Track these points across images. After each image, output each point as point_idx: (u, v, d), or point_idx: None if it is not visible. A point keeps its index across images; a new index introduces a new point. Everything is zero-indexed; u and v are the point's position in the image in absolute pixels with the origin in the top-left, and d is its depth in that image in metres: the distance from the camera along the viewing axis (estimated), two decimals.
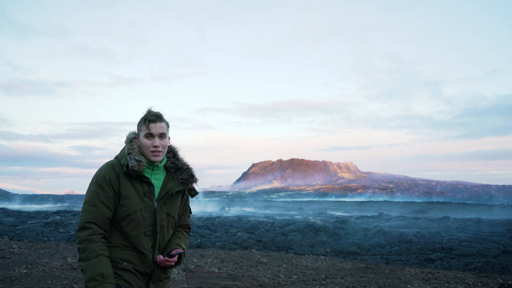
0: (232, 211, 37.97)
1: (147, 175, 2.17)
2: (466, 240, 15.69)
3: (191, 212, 2.39)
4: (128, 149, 2.16)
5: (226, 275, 8.19)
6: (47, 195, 78.25)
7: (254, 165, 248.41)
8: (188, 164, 2.30)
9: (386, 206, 46.67)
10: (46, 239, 15.91)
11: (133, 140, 2.22)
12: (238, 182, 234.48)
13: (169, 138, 2.28)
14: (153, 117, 2.16)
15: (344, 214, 33.35)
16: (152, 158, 2.15)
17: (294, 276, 9.07)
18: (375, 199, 75.46)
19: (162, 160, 2.25)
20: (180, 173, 2.25)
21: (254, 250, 14.98)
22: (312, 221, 22.48)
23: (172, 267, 2.16)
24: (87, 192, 2.10)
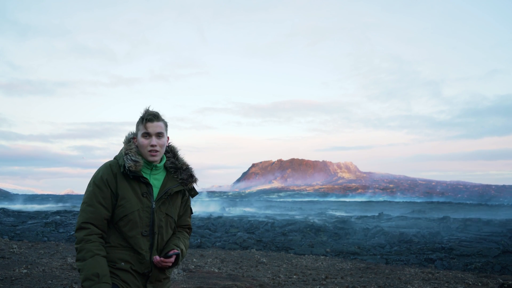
0: (232, 211, 37.98)
1: (146, 175, 2.16)
2: (466, 240, 15.69)
3: (192, 212, 2.38)
4: (126, 149, 2.16)
5: (226, 275, 8.19)
6: (47, 195, 78.23)
7: (254, 165, 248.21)
8: (188, 164, 2.29)
9: (386, 206, 46.68)
10: (46, 239, 15.92)
11: (131, 140, 2.22)
12: (238, 182, 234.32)
13: (168, 138, 2.27)
14: (150, 116, 2.15)
15: (344, 214, 33.36)
16: (149, 158, 2.15)
17: (294, 276, 9.07)
18: (375, 199, 75.47)
19: (162, 160, 2.24)
20: (179, 173, 2.24)
21: (254, 250, 14.99)
22: (312, 221, 22.49)
23: (169, 268, 2.15)
24: (85, 193, 2.12)
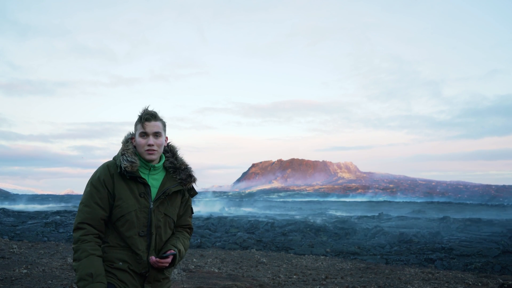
0: (232, 211, 37.99)
1: (144, 175, 2.17)
2: (466, 240, 15.69)
3: (193, 212, 2.37)
4: (123, 150, 2.16)
5: (226, 275, 8.19)
6: (47, 195, 78.23)
7: (254, 165, 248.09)
8: (187, 163, 2.29)
9: (386, 206, 46.68)
10: (46, 239, 15.92)
11: (129, 140, 2.22)
12: (238, 182, 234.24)
13: (166, 138, 2.28)
14: (147, 115, 2.16)
15: (344, 214, 33.37)
16: (146, 157, 2.15)
17: (294, 276, 9.07)
18: (375, 199, 75.46)
19: (160, 160, 2.25)
20: (178, 173, 2.24)
21: (254, 250, 14.98)
22: (312, 221, 22.49)
23: (167, 268, 2.14)
24: (83, 193, 2.14)
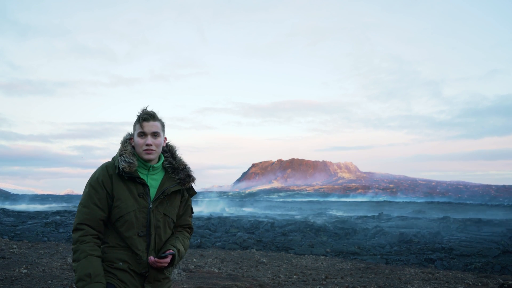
0: (232, 211, 38.00)
1: (143, 176, 2.17)
2: (466, 240, 15.69)
3: (192, 212, 2.38)
4: (121, 150, 2.17)
5: (226, 275, 8.19)
6: (47, 195, 78.24)
7: (254, 165, 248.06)
8: (185, 163, 2.29)
9: (386, 206, 46.68)
10: (46, 239, 15.91)
11: (127, 141, 2.23)
12: (238, 182, 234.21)
13: (165, 138, 2.28)
14: (146, 115, 2.17)
15: (344, 214, 33.38)
16: (144, 157, 2.16)
17: (294, 276, 9.07)
18: (375, 199, 75.47)
19: (159, 160, 2.25)
20: (177, 173, 2.25)
21: (254, 250, 14.98)
22: (312, 221, 22.49)
23: (166, 268, 2.14)
24: (82, 194, 2.15)
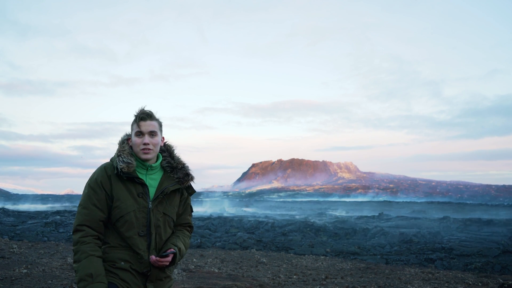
0: (232, 211, 38.00)
1: (141, 176, 2.18)
2: (466, 240, 15.69)
3: (192, 211, 2.38)
4: (119, 151, 2.18)
5: (226, 275, 8.19)
6: (47, 195, 78.24)
7: (254, 165, 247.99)
8: (184, 162, 2.30)
9: (386, 206, 46.69)
10: (46, 239, 15.91)
11: (125, 141, 2.24)
12: (238, 182, 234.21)
13: (163, 138, 2.29)
14: (143, 115, 2.18)
15: (344, 214, 33.38)
16: (142, 156, 2.17)
17: (294, 276, 9.07)
18: (375, 199, 75.48)
19: (158, 159, 2.26)
20: (176, 172, 2.25)
21: (254, 250, 14.98)
22: (312, 221, 22.48)
23: (167, 266, 2.15)
24: (81, 196, 2.16)
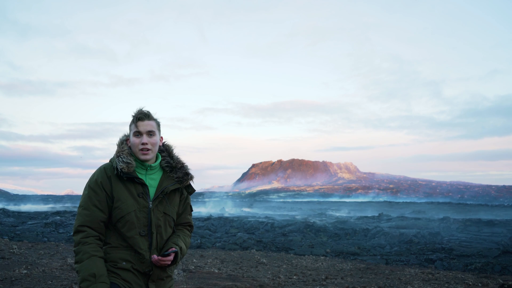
0: (232, 211, 37.99)
1: (141, 176, 2.18)
2: (466, 240, 15.70)
3: (192, 210, 2.39)
4: (118, 151, 2.18)
5: (226, 275, 8.19)
6: (47, 195, 78.22)
7: (254, 165, 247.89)
8: (183, 162, 2.30)
9: (386, 206, 46.69)
10: (46, 239, 15.91)
11: (124, 142, 2.24)
12: (238, 183, 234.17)
13: (161, 138, 2.30)
14: (140, 115, 2.18)
15: (344, 215, 33.38)
16: (141, 157, 2.17)
17: (294, 277, 9.07)
18: (375, 200, 75.50)
19: (157, 159, 2.26)
20: (175, 171, 2.26)
21: (254, 250, 14.98)
22: (312, 221, 22.48)
23: (169, 266, 2.17)
24: (81, 197, 2.16)
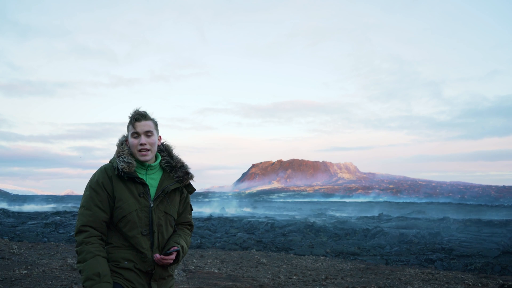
0: (232, 211, 38.02)
1: (141, 175, 2.19)
2: (466, 240, 15.70)
3: (192, 209, 2.40)
4: (118, 152, 2.19)
5: (226, 275, 8.20)
6: (47, 195, 78.23)
7: (254, 165, 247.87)
8: (183, 161, 2.32)
9: (386, 206, 46.71)
10: (46, 239, 15.91)
11: (123, 142, 2.25)
12: (238, 183, 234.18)
13: (160, 137, 2.30)
14: (137, 116, 2.18)
15: (344, 215, 33.39)
16: (140, 158, 2.18)
17: (294, 277, 9.07)
18: (375, 200, 75.51)
19: (157, 159, 2.27)
20: (175, 171, 2.27)
21: (254, 250, 14.98)
22: (312, 221, 22.49)
23: (171, 265, 2.18)
24: (82, 197, 2.17)
